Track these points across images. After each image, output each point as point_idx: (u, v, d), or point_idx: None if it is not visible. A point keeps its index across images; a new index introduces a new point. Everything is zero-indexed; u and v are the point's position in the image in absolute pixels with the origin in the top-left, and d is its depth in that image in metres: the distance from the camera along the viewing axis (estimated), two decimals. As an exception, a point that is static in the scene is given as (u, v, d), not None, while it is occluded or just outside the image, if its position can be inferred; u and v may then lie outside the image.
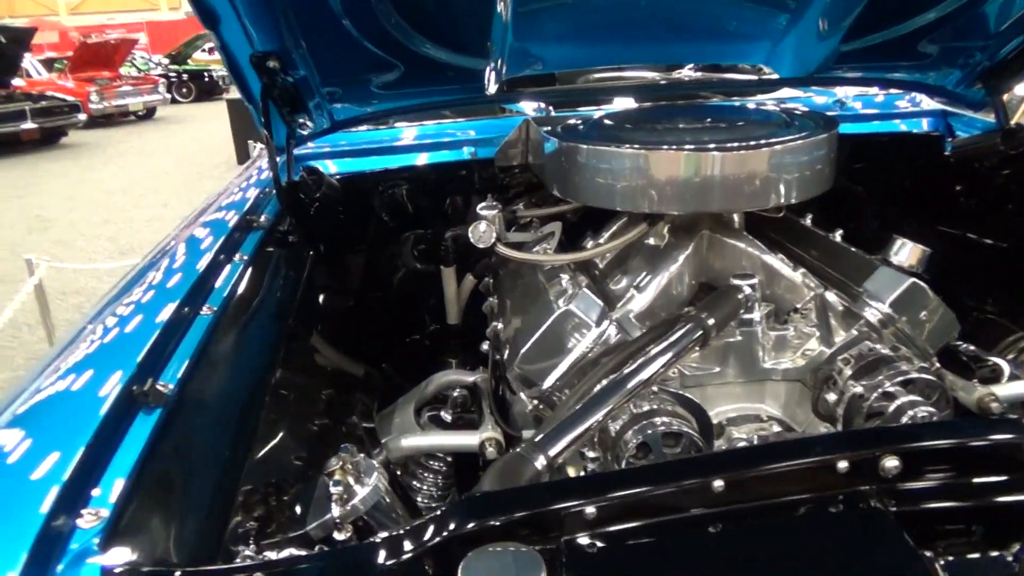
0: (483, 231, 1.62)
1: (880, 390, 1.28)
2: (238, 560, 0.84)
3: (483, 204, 1.66)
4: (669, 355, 1.27)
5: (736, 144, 1.43)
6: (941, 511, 0.80)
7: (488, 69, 1.79)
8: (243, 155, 9.86)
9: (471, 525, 0.74)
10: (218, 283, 1.30)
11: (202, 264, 1.32)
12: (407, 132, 2.16)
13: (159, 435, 0.91)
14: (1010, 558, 0.78)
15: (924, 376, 1.29)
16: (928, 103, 2.30)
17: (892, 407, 1.28)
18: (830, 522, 0.80)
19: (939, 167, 2.04)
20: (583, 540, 0.76)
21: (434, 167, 2.11)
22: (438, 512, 0.79)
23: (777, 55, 1.94)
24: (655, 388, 1.29)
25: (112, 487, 0.82)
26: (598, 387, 1.33)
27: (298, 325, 1.42)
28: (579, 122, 1.71)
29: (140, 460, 0.86)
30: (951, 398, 1.32)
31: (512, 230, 1.81)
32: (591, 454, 1.28)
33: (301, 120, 1.78)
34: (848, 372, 1.35)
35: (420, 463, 1.58)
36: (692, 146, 1.45)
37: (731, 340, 1.42)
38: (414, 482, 1.62)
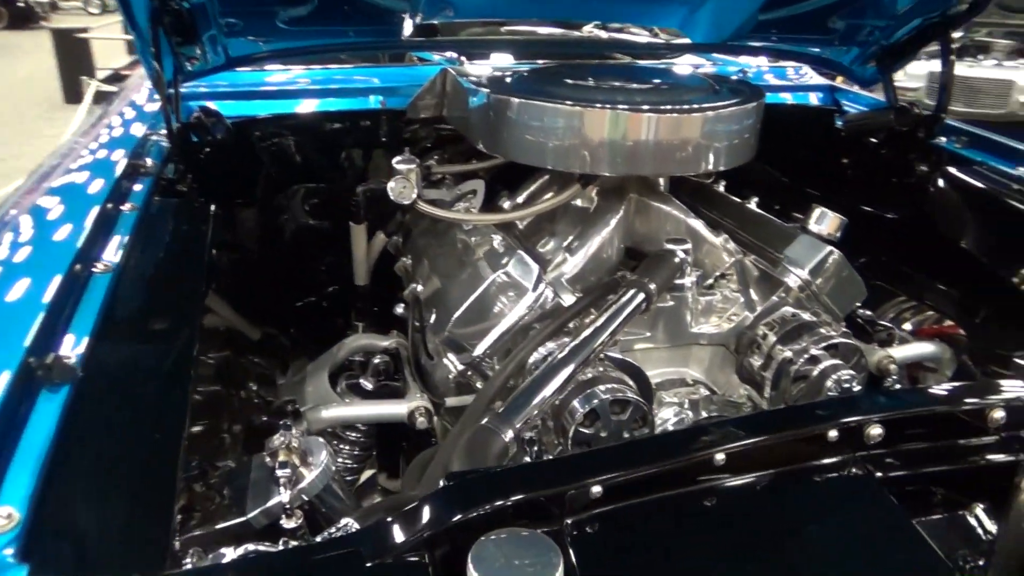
0: (403, 187, 1.51)
1: (807, 354, 1.33)
2: (189, 560, 0.73)
3: (399, 158, 1.55)
4: (618, 321, 1.25)
5: (671, 107, 1.41)
6: (920, 475, 0.82)
7: (402, 12, 1.67)
8: (72, 93, 8.87)
9: (478, 511, 0.67)
10: (112, 239, 1.12)
11: (90, 217, 1.13)
12: (306, 75, 1.97)
13: (71, 416, 0.77)
14: (974, 519, 0.81)
15: (846, 341, 1.34)
16: (816, 78, 2.41)
17: (817, 370, 1.32)
18: (821, 490, 0.80)
19: (831, 140, 2.14)
20: (588, 520, 0.72)
21: (333, 115, 1.95)
22: (426, 496, 0.72)
23: (693, 20, 1.94)
24: (601, 356, 1.26)
25: (21, 483, 0.68)
26: (541, 352, 1.29)
27: (199, 285, 1.27)
28: (506, 75, 1.63)
29: (53, 447, 0.72)
30: (865, 361, 1.39)
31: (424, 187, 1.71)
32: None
33: (192, 54, 1.57)
34: (773, 337, 1.39)
35: (337, 434, 1.47)
36: (626, 107, 1.41)
37: (662, 305, 1.42)
38: None
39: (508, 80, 1.59)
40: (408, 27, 1.70)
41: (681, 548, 0.74)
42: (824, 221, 1.51)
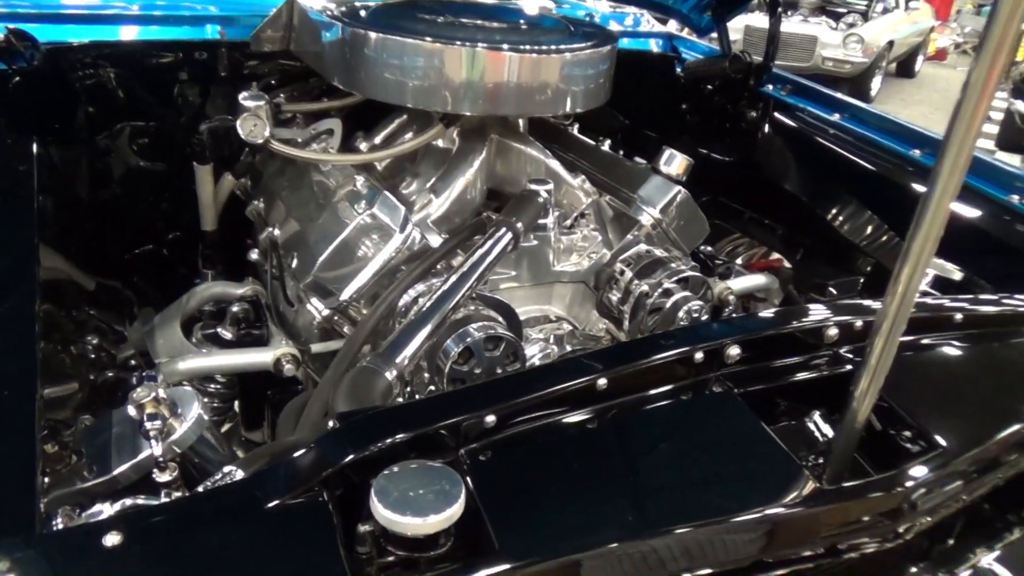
0: (254, 124, 1.42)
1: (661, 288, 1.42)
2: (59, 520, 0.67)
3: (246, 94, 1.46)
4: (488, 260, 1.26)
5: (531, 48, 1.42)
6: (772, 388, 0.91)
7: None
8: None
9: (375, 447, 0.67)
10: None
11: None
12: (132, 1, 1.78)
13: None
14: (813, 425, 0.92)
15: (695, 275, 1.45)
16: (656, 26, 2.50)
17: (669, 302, 1.42)
18: (689, 406, 0.87)
19: (671, 86, 2.25)
20: (482, 449, 0.74)
21: (163, 45, 1.78)
22: (319, 437, 0.71)
23: (544, -38, 1.95)
24: (472, 295, 1.27)
25: None
26: (410, 294, 1.29)
27: (31, 232, 1.14)
28: (358, 7, 1.56)
29: None
30: (711, 293, 1.51)
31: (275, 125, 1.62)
32: None
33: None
34: (630, 273, 1.47)
35: (195, 387, 1.39)
36: (487, 45, 1.40)
37: (526, 245, 1.45)
38: None
39: (364, 13, 1.53)
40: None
41: (568, 467, 0.78)
42: (673, 162, 1.59)
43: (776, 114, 2.04)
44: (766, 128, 2.07)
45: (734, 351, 0.90)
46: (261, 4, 1.77)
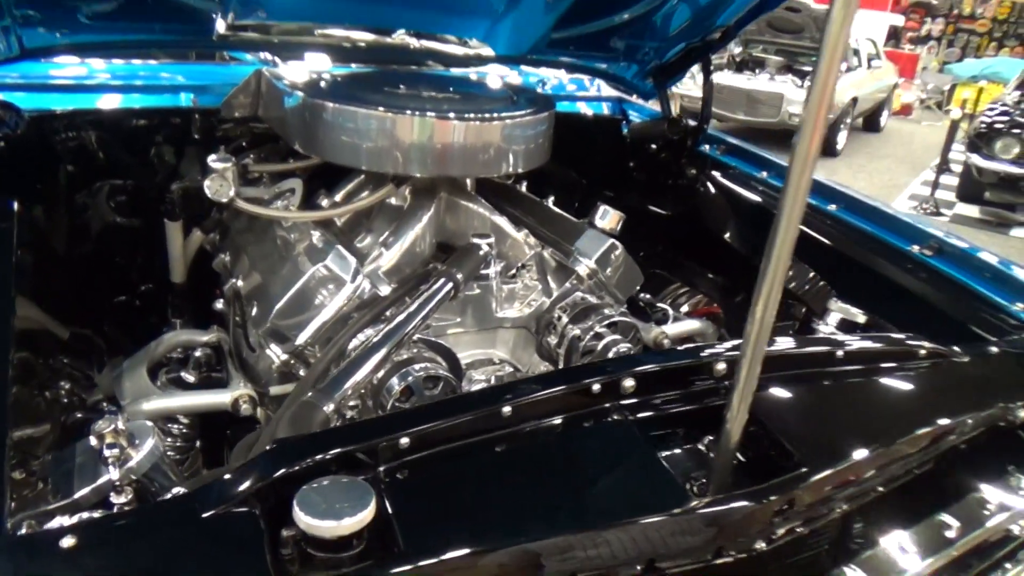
0: (220, 185, 1.56)
1: (592, 331, 1.54)
2: (23, 530, 0.77)
3: (214, 156, 1.59)
4: (429, 307, 1.39)
5: (474, 115, 1.57)
6: (664, 417, 1.03)
7: (214, 12, 1.70)
8: None
9: (301, 464, 0.79)
10: None
11: None
12: (106, 69, 1.93)
13: None
14: (703, 447, 1.04)
15: (624, 319, 1.57)
16: (607, 90, 2.69)
17: (601, 345, 1.54)
18: (590, 432, 0.99)
19: (618, 146, 2.42)
20: (398, 468, 0.85)
21: (141, 112, 1.93)
22: (253, 458, 0.82)
23: (495, 33, 2.13)
24: (415, 338, 1.39)
25: None
26: (360, 339, 1.40)
27: (8, 285, 1.25)
28: (319, 78, 1.71)
29: None
30: (642, 336, 1.64)
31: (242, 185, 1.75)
32: (351, 402, 1.35)
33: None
34: (566, 319, 1.59)
35: (159, 427, 1.49)
36: (434, 113, 1.55)
37: (470, 293, 1.58)
38: None
39: (323, 84, 1.68)
40: (221, 26, 1.73)
41: (475, 486, 0.89)
42: (606, 217, 1.74)
43: (713, 171, 2.20)
44: (704, 184, 2.23)
45: (628, 383, 1.02)
46: (231, 73, 1.93)
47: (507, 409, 0.93)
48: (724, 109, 9.85)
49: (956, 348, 1.34)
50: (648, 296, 1.97)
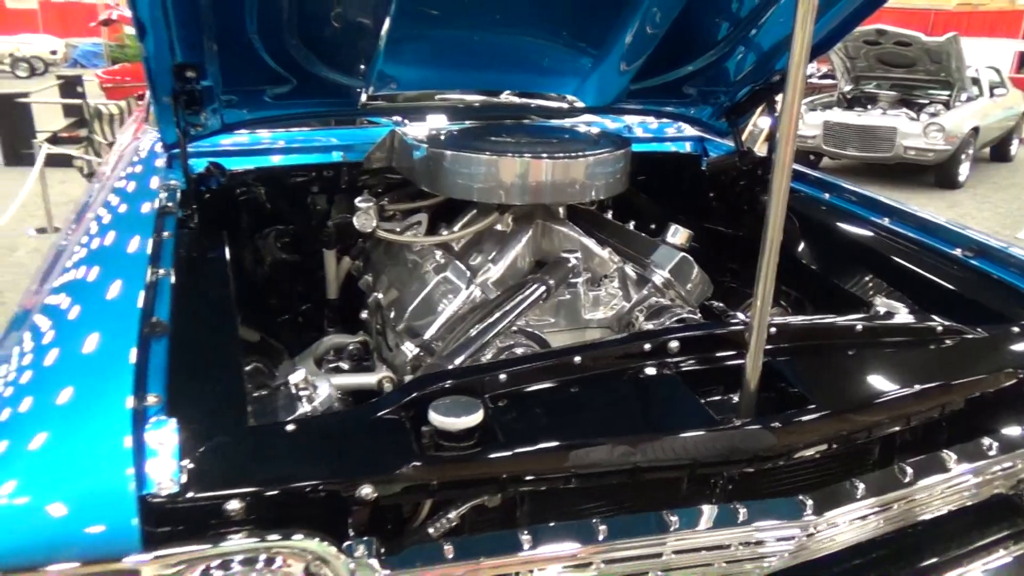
0: (366, 219, 2.00)
1: (664, 326, 1.85)
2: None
3: (360, 198, 2.04)
4: (526, 304, 1.75)
5: (562, 155, 1.94)
6: (699, 372, 1.34)
7: (359, 88, 2.18)
8: (12, 156, 9.16)
9: (430, 388, 1.16)
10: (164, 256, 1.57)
11: (148, 243, 1.57)
12: (279, 136, 2.46)
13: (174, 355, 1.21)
14: (735, 399, 1.33)
15: (692, 315, 1.88)
16: (689, 131, 3.01)
17: (671, 337, 1.85)
18: (643, 381, 1.31)
19: (698, 178, 2.73)
20: (499, 396, 1.21)
21: (305, 167, 2.42)
22: (401, 385, 1.20)
23: (583, 89, 2.52)
24: (514, 329, 1.76)
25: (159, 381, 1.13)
26: (473, 332, 1.78)
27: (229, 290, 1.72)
28: (440, 133, 2.15)
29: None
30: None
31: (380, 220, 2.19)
32: None
33: (196, 121, 2.03)
34: (643, 318, 1.92)
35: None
36: (530, 155, 1.93)
37: (561, 298, 1.93)
38: None
39: (442, 137, 2.11)
40: (363, 98, 2.21)
41: (554, 409, 1.23)
42: (677, 235, 2.06)
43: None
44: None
45: (673, 344, 1.33)
46: (369, 135, 2.41)
47: (578, 359, 1.27)
48: (835, 146, 9.82)
49: (979, 329, 1.56)
50: (722, 304, 2.25)
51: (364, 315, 2.14)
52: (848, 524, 1.23)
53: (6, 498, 0.91)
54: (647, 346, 1.33)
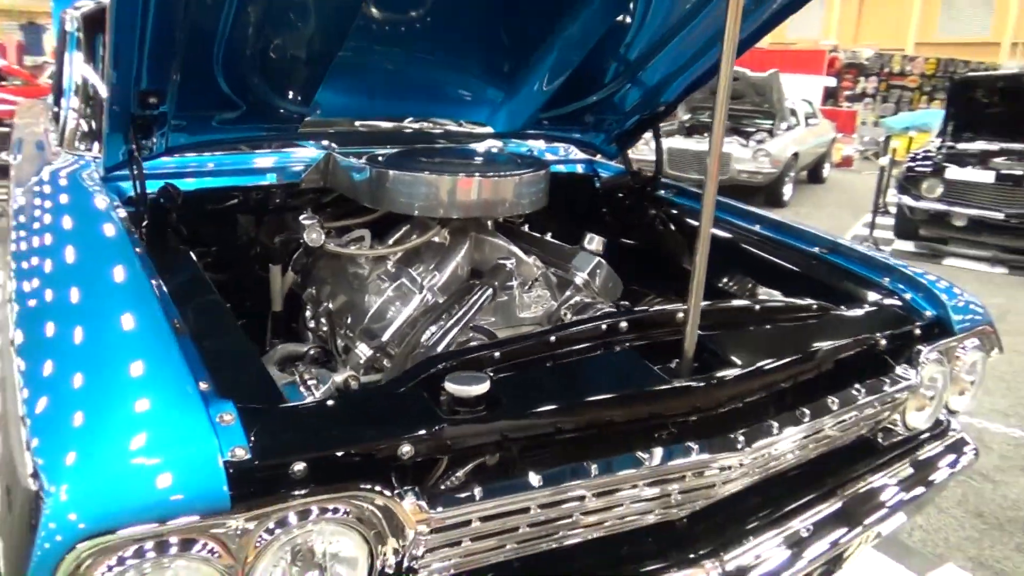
0: (315, 234, 2.17)
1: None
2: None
3: (304, 215, 2.21)
4: (478, 305, 2.00)
5: (493, 174, 2.21)
6: (642, 346, 1.65)
7: (299, 114, 2.35)
8: None
9: (440, 366, 1.39)
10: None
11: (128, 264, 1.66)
12: (211, 159, 2.54)
13: None
14: (672, 366, 1.64)
15: (611, 309, 2.20)
16: (578, 154, 3.38)
17: (597, 330, 2.15)
18: (603, 355, 1.59)
19: (593, 196, 3.09)
20: (498, 370, 1.45)
21: (237, 188, 2.50)
22: (418, 363, 1.42)
23: (495, 117, 2.82)
24: (470, 325, 2.00)
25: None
26: (428, 333, 2.00)
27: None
28: (378, 156, 2.35)
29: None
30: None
31: None
32: None
33: (145, 145, 2.11)
34: (570, 315, 2.21)
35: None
36: (466, 174, 2.18)
37: (500, 300, 2.19)
38: None
39: (381, 159, 2.31)
40: (303, 125, 2.38)
41: (540, 382, 1.49)
42: (593, 242, 2.39)
43: (669, 209, 2.87)
44: (661, 220, 2.89)
45: (623, 324, 1.63)
46: (296, 159, 2.57)
47: (552, 338, 1.54)
48: (677, 170, 10.74)
49: (842, 307, 1.98)
50: (626, 302, 2.59)
51: (311, 324, 2.29)
52: (768, 454, 1.57)
53: (124, 468, 1.05)
54: (604, 326, 1.62)
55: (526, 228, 2.70)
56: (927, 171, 8.36)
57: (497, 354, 1.47)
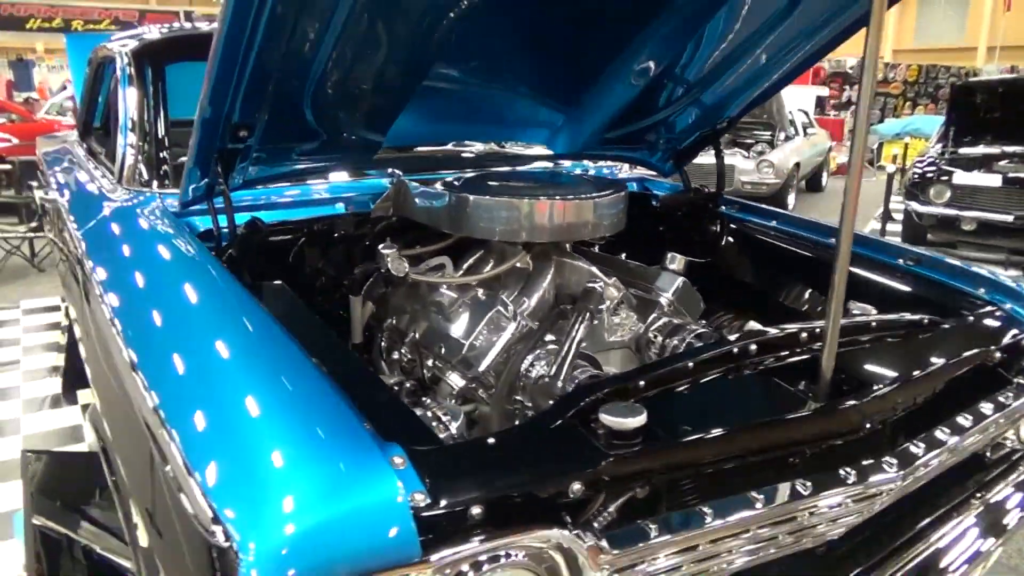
0: (398, 264, 2.13)
1: (686, 341, 2.12)
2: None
3: (383, 246, 2.17)
4: (582, 331, 1.96)
5: (573, 197, 2.18)
6: (781, 368, 1.61)
7: (376, 143, 2.32)
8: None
9: (590, 398, 1.35)
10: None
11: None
12: (277, 191, 2.51)
13: None
14: (802, 387, 1.61)
15: (706, 330, 2.16)
16: (627, 172, 3.37)
17: (691, 351, 2.12)
18: (738, 379, 1.56)
19: (650, 214, 3.07)
20: (643, 399, 1.41)
21: (316, 220, 2.45)
22: (566, 397, 1.38)
23: (554, 139, 2.80)
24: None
25: None
26: (527, 361, 1.95)
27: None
28: (455, 181, 2.32)
29: None
30: (715, 344, 2.22)
31: None
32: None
33: (226, 179, 2.07)
34: (661, 337, 2.18)
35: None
36: (548, 198, 2.15)
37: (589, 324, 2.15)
38: None
39: (457, 184, 2.28)
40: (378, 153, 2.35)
41: (683, 410, 1.45)
42: (675, 262, 2.36)
43: (731, 225, 2.85)
44: (724, 237, 2.87)
45: (753, 347, 1.60)
46: (366, 186, 2.53)
47: (690, 364, 1.51)
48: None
49: (951, 320, 1.96)
50: (703, 321, 2.57)
51: (393, 355, 2.24)
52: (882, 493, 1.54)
53: (315, 521, 1.00)
54: (735, 350, 1.58)
55: (596, 250, 2.66)
56: (933, 177, 8.42)
57: (642, 383, 1.43)
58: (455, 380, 2.03)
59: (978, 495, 1.77)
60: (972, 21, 29.77)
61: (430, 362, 2.12)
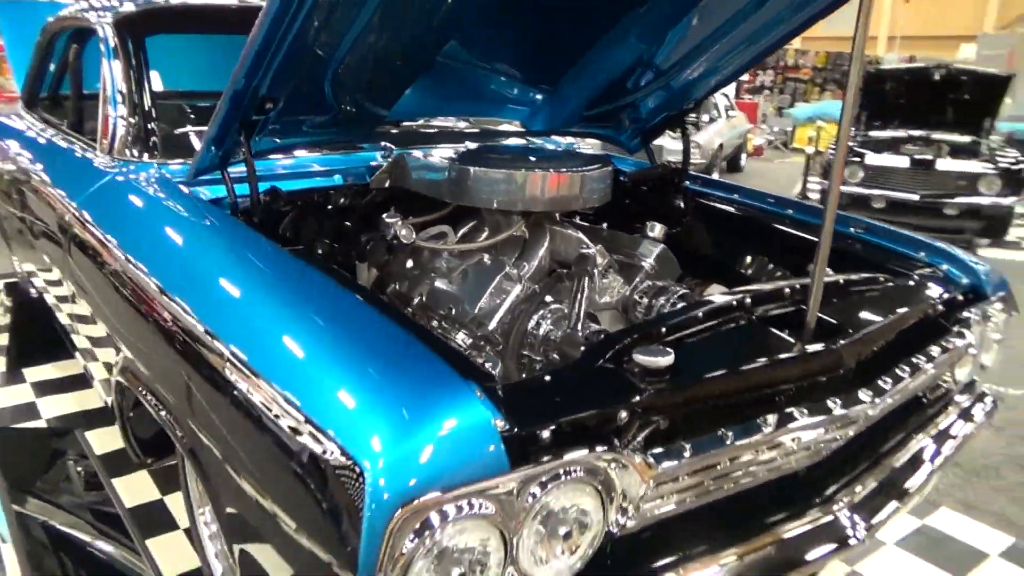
0: (405, 232, 2.27)
1: (671, 301, 2.35)
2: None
3: (387, 215, 2.31)
4: (584, 291, 2.16)
5: (567, 170, 2.36)
6: (769, 318, 1.85)
7: (382, 117, 2.45)
8: None
9: (624, 341, 1.54)
10: None
11: None
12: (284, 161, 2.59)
13: None
14: (786, 334, 1.85)
15: (689, 292, 2.40)
16: (588, 148, 3.57)
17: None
18: (737, 328, 1.79)
19: (619, 188, 3.28)
20: (666, 340, 1.62)
21: (323, 190, 2.53)
22: (605, 340, 1.58)
23: (532, 118, 2.97)
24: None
25: None
26: (533, 320, 2.14)
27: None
28: (455, 153, 2.46)
29: None
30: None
31: None
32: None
33: (240, 148, 2.16)
34: (646, 299, 2.40)
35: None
36: (543, 170, 2.33)
37: (581, 287, 2.35)
38: None
39: (460, 155, 2.42)
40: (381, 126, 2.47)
41: (700, 353, 1.67)
42: (655, 229, 2.58)
43: (697, 200, 3.10)
44: (689, 211, 3.12)
45: (748, 300, 1.84)
46: (361, 159, 2.65)
47: (700, 313, 1.73)
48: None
49: (904, 279, 2.26)
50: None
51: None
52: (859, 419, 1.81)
53: (424, 441, 1.17)
54: (733, 302, 1.82)
55: (577, 219, 2.87)
56: (848, 157, 9.00)
57: (663, 329, 1.64)
58: (462, 339, 2.19)
59: (927, 424, 2.08)
60: (874, 12, 31.40)
61: (435, 323, 2.28)
